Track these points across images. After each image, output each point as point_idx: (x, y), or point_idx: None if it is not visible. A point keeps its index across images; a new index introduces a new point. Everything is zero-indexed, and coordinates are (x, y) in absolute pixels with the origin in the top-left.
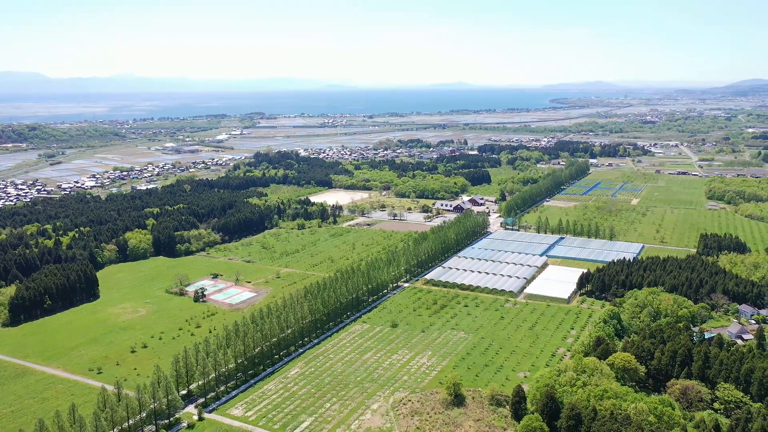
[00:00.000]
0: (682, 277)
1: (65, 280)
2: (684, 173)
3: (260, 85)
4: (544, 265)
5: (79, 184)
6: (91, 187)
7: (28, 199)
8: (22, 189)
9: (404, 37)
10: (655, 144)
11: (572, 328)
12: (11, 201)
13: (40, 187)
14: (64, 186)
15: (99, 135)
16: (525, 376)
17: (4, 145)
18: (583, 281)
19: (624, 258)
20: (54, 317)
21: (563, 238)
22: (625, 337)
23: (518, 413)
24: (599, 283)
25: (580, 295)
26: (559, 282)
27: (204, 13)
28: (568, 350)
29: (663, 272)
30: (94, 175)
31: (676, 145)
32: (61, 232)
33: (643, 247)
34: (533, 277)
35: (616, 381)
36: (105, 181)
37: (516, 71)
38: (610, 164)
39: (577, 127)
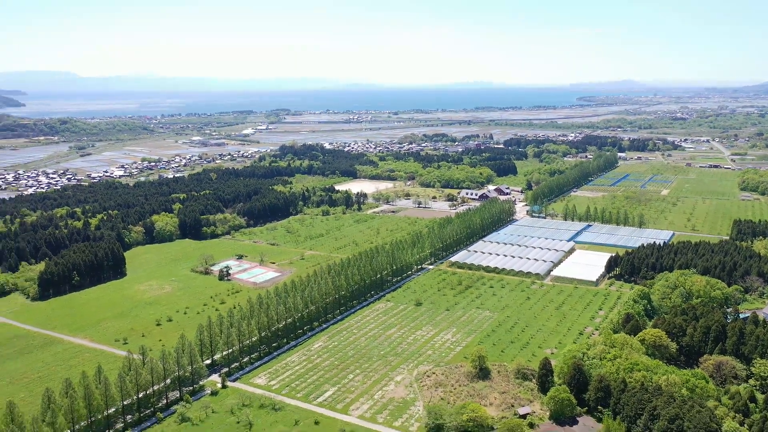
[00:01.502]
0: (715, 260)
1: (93, 257)
2: (716, 166)
3: (284, 84)
4: (572, 250)
5: (108, 174)
6: (120, 176)
7: (59, 187)
8: (53, 178)
9: (428, 36)
10: (686, 139)
11: (600, 309)
12: (42, 188)
13: (70, 176)
14: (93, 175)
15: (128, 129)
16: (552, 353)
17: (37, 138)
18: (611, 264)
19: (654, 242)
20: (82, 293)
21: (591, 225)
22: (654, 317)
23: (545, 386)
24: (628, 266)
25: (608, 278)
26: (586, 265)
27: (229, 13)
28: (596, 329)
29: (695, 255)
30: (123, 165)
31: (708, 141)
32: (89, 215)
33: (673, 234)
34: (560, 261)
35: (646, 356)
36: (133, 170)
37: (542, 70)
38: (639, 158)
39: (605, 123)
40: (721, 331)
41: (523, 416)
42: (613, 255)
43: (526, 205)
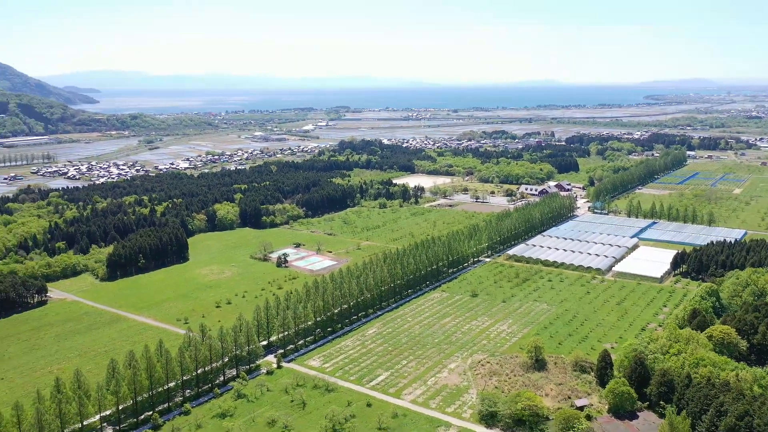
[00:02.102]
0: None
1: (158, 241)
2: None
3: (344, 82)
4: (635, 246)
5: (173, 166)
6: (185, 168)
7: (128, 177)
8: (122, 169)
9: (490, 33)
10: (762, 138)
11: (665, 306)
12: (113, 178)
13: (138, 168)
14: (160, 167)
15: (193, 124)
16: (612, 347)
17: (109, 132)
18: (677, 261)
19: (725, 240)
20: (147, 275)
21: (656, 222)
22: (723, 315)
23: (603, 379)
24: (696, 263)
25: (674, 276)
26: (651, 261)
27: (293, 13)
28: (660, 325)
29: None
30: (188, 158)
31: None
32: (156, 203)
33: (745, 233)
34: (623, 257)
35: (713, 353)
36: (197, 163)
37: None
38: (710, 156)
39: (673, 122)
40: None
41: (580, 408)
42: (680, 252)
43: (587, 201)
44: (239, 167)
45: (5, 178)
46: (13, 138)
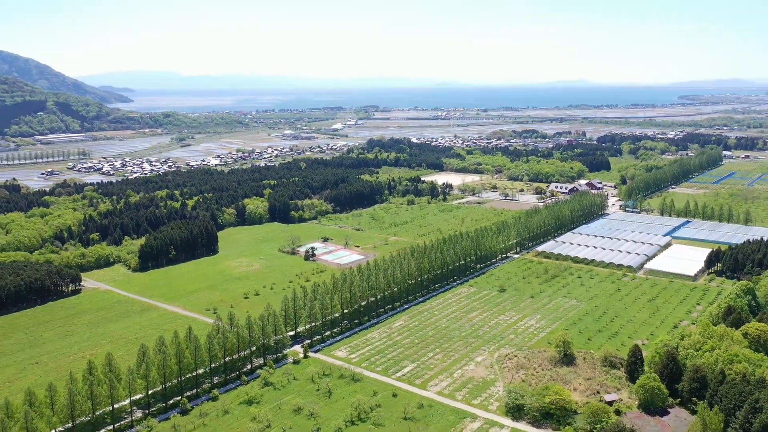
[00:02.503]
0: None
1: (189, 233)
2: None
3: (373, 82)
4: (668, 245)
5: (204, 162)
6: (216, 165)
7: (160, 173)
8: (155, 165)
9: (521, 33)
10: None
11: (698, 303)
12: (146, 174)
13: (170, 164)
14: (191, 163)
15: (224, 123)
16: (643, 344)
17: (142, 130)
18: (712, 259)
19: (762, 239)
20: (177, 266)
21: (690, 221)
22: (759, 313)
23: (634, 374)
24: (731, 261)
25: (708, 274)
26: (684, 259)
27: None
28: (693, 323)
29: None
30: (219, 155)
31: None
32: (187, 197)
33: None
34: (655, 255)
35: (748, 349)
36: (228, 160)
37: (641, 68)
38: (747, 156)
39: (709, 122)
40: None
41: (610, 403)
42: (714, 250)
43: (619, 200)
44: (269, 164)
45: (42, 174)
46: (51, 135)
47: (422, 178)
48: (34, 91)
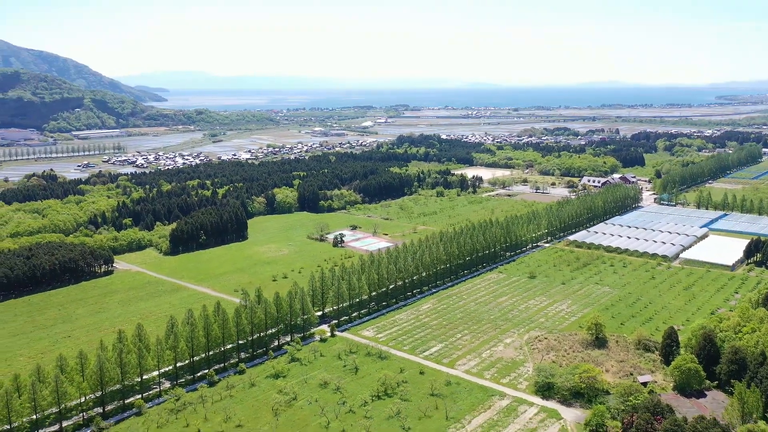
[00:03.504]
0: None
1: (219, 219)
2: None
3: (403, 84)
4: (704, 236)
5: (236, 156)
6: (247, 159)
7: (192, 165)
8: (187, 159)
9: (552, 32)
10: None
11: (736, 292)
12: (178, 167)
13: (202, 158)
14: (222, 157)
15: (256, 120)
16: (679, 329)
17: (176, 126)
18: (751, 250)
19: None
20: (207, 251)
21: (727, 214)
22: None
23: (669, 357)
24: None
25: (746, 264)
26: (721, 250)
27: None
28: (731, 310)
29: None
30: (250, 150)
31: None
32: (217, 186)
33: None
34: (691, 245)
35: None
36: (259, 154)
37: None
38: None
39: (748, 121)
40: None
41: (643, 384)
42: (753, 240)
43: (653, 194)
44: (299, 158)
45: (78, 166)
46: (87, 131)
47: (452, 172)
48: (71, 89)
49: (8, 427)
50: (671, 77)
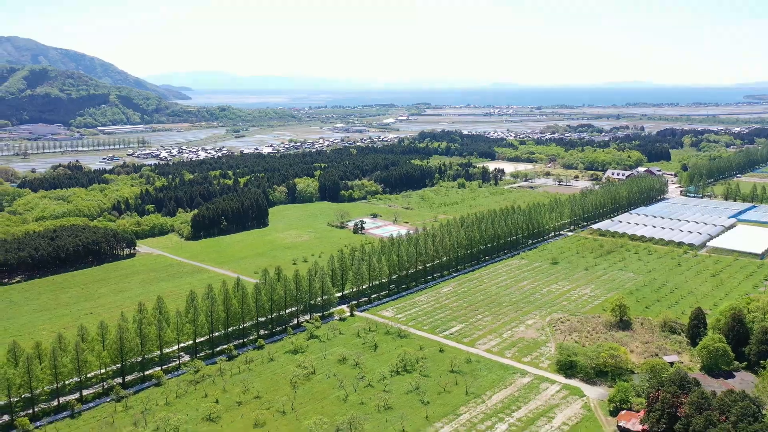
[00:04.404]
0: None
1: (240, 205)
2: None
3: (425, 84)
4: (732, 226)
5: (258, 150)
6: (268, 153)
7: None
8: (210, 152)
9: (575, 33)
10: None
11: (766, 279)
12: (200, 159)
13: (225, 152)
14: (244, 151)
15: (278, 117)
16: (706, 313)
17: (199, 123)
18: None
19: None
20: (228, 236)
21: (756, 206)
22: None
23: (696, 338)
24: None
25: None
26: (751, 239)
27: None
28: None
29: None
30: (271, 144)
31: None
32: (239, 176)
33: None
34: (718, 234)
35: None
36: (280, 149)
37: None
38: None
39: None
40: None
41: (670, 364)
42: None
43: (679, 186)
44: (320, 151)
45: (104, 159)
46: (112, 126)
47: (473, 165)
48: (97, 86)
49: (29, 394)
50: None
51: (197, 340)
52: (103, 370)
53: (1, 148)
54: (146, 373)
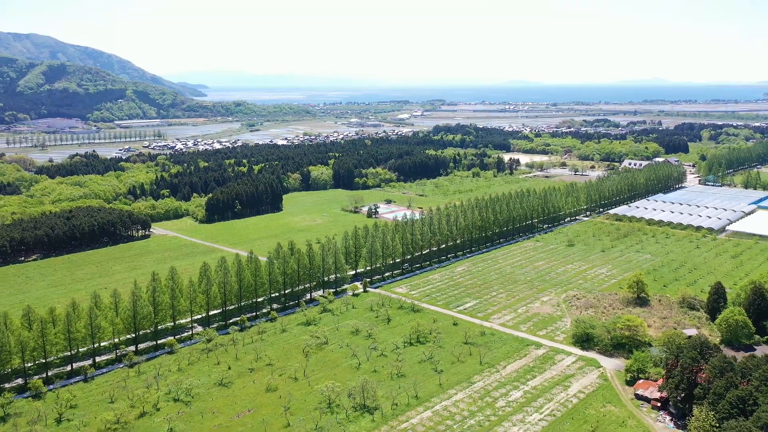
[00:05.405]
0: None
1: (254, 189)
2: None
3: (440, 81)
4: (752, 212)
5: (272, 142)
6: (282, 145)
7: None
8: (225, 144)
9: (591, 29)
10: None
11: None
12: (216, 149)
13: (240, 144)
14: (259, 143)
15: (293, 112)
16: (726, 291)
17: (214, 117)
18: None
19: None
20: (242, 220)
21: None
22: None
23: (715, 313)
24: None
25: None
26: None
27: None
28: None
29: None
30: (286, 137)
31: None
32: (254, 163)
33: None
34: (738, 219)
35: None
36: (295, 141)
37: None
38: None
39: None
40: None
41: (688, 337)
42: None
43: (698, 176)
44: (334, 142)
45: (120, 150)
46: (129, 120)
47: (488, 155)
48: (115, 81)
49: (44, 360)
50: (718, 75)
51: (210, 313)
52: (116, 339)
53: (20, 140)
54: (159, 341)
